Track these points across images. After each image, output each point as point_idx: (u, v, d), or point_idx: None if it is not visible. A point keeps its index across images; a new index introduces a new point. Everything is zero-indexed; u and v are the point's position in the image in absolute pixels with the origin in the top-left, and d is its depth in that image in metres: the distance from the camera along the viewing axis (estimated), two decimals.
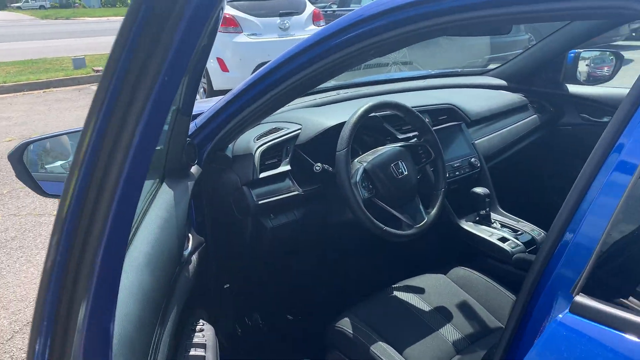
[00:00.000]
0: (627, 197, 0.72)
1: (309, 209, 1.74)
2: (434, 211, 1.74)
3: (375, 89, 2.33)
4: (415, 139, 1.84)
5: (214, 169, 1.66)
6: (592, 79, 2.53)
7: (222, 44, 6.99)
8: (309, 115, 1.84)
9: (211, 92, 7.16)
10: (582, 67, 2.55)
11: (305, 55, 1.36)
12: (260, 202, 1.61)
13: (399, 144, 1.76)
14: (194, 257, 1.37)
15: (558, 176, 2.58)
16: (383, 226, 1.58)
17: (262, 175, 1.63)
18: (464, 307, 1.68)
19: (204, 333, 1.25)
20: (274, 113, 1.57)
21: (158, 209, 1.18)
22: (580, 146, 2.51)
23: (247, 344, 2.02)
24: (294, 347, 2.05)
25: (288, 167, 1.69)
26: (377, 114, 1.79)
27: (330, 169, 1.67)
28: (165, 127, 1.34)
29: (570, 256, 0.79)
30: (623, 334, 0.68)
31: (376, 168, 1.64)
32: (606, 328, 0.70)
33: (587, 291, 0.74)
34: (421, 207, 1.74)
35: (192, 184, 1.39)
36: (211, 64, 7.04)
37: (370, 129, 1.87)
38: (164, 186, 1.30)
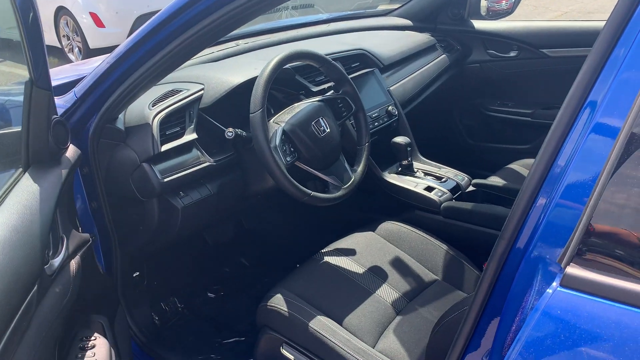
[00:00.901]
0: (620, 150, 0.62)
1: (224, 180, 1.55)
2: (360, 168, 1.61)
3: (278, 37, 2.12)
4: (332, 91, 1.68)
5: (105, 146, 1.40)
6: (491, 14, 2.50)
7: None
8: (211, 73, 1.61)
9: (88, 52, 6.47)
10: (483, 2, 2.51)
11: (202, 3, 1.13)
12: (165, 180, 1.39)
13: (317, 99, 1.59)
14: (75, 262, 1.16)
15: (469, 115, 2.57)
16: (310, 192, 1.43)
17: (164, 147, 1.40)
18: (397, 263, 1.60)
19: (95, 350, 1.06)
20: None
21: (8, 211, 0.94)
22: (490, 82, 2.51)
23: (169, 332, 1.84)
24: (222, 326, 1.89)
25: (194, 135, 1.47)
26: (288, 65, 1.60)
27: (244, 133, 1.48)
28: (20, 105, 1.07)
29: (554, 222, 0.68)
30: (628, 306, 0.60)
31: (296, 128, 1.46)
32: (606, 301, 0.61)
33: (578, 261, 0.65)
34: (346, 165, 1.61)
35: (67, 172, 1.14)
36: (84, 20, 6.34)
37: (280, 83, 1.68)
38: (26, 178, 1.05)
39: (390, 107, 1.94)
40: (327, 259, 1.58)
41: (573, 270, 0.64)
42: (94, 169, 1.39)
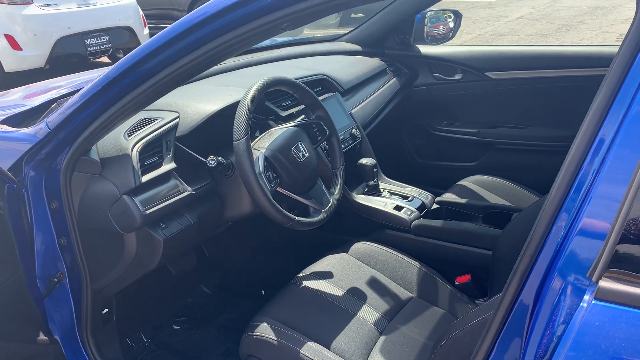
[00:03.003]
0: None
1: (203, 209, 1.51)
2: (337, 190, 1.64)
3: (234, 62, 2.11)
4: (303, 115, 1.70)
5: (77, 179, 1.33)
6: (430, 39, 2.62)
7: (10, 18, 5.94)
8: (183, 101, 1.58)
9: (3, 76, 6.08)
10: (429, 29, 2.63)
11: (185, 40, 1.13)
12: (147, 212, 1.34)
13: (292, 124, 1.60)
14: None
15: (417, 135, 2.67)
16: (294, 217, 1.44)
17: (145, 178, 1.35)
18: (374, 284, 1.64)
19: None
20: None
21: None
22: (437, 104, 2.63)
23: None
24: (190, 359, 1.83)
25: (173, 165, 1.43)
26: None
27: (224, 160, 1.46)
28: None
29: (581, 237, 0.74)
30: None
31: (277, 153, 1.47)
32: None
33: (610, 274, 0.70)
34: (324, 188, 1.63)
35: None
36: None
37: None
38: None
39: (353, 130, 1.99)
40: (305, 283, 1.59)
41: (606, 283, 0.70)
42: (65, 203, 1.32)
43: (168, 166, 1.42)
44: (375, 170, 1.91)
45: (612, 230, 0.70)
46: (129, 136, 1.39)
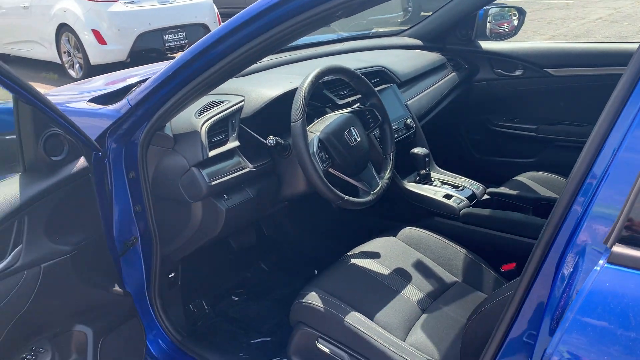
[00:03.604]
0: None
1: (261, 185, 1.65)
2: (386, 175, 1.72)
3: (299, 54, 2.24)
4: (359, 103, 1.80)
5: (152, 152, 1.50)
6: (494, 35, 2.65)
7: (97, 15, 6.41)
8: (248, 87, 1.72)
9: (89, 68, 6.56)
10: (488, 25, 2.66)
11: (250, 27, 1.25)
12: (213, 183, 1.48)
13: (346, 110, 1.71)
14: (32, 272, 1.20)
15: (476, 129, 2.70)
16: (344, 196, 1.54)
17: (212, 153, 1.50)
18: (420, 266, 1.70)
19: None
20: None
21: None
22: (496, 99, 2.65)
23: (199, 332, 1.91)
24: (248, 327, 1.97)
25: (237, 143, 1.57)
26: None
27: (282, 141, 1.58)
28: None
29: (599, 205, 0.79)
30: None
31: (331, 136, 1.58)
32: None
33: (623, 240, 0.76)
34: (374, 172, 1.72)
35: (53, 184, 1.21)
36: (86, 37, 6.45)
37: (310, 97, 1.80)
38: (6, 183, 1.13)
39: (408, 120, 2.06)
40: (353, 260, 1.68)
41: (619, 249, 0.75)
42: (141, 173, 1.48)
43: (232, 144, 1.56)
44: (427, 159, 1.98)
45: (628, 200, 0.75)
46: (199, 115, 1.54)
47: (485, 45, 2.60)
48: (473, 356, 1.16)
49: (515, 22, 2.69)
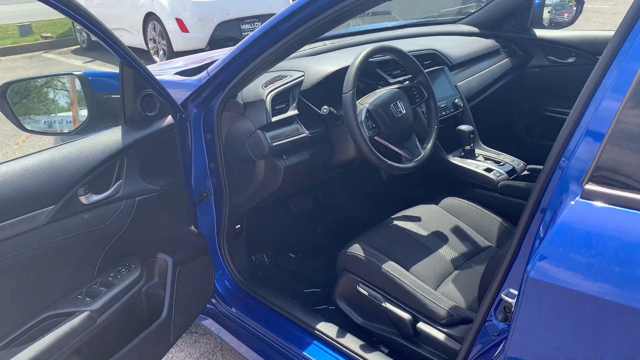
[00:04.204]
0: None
1: (316, 149, 1.88)
2: (429, 146, 1.91)
3: (358, 39, 2.45)
4: (408, 81, 1.99)
5: (225, 117, 1.77)
6: (553, 25, 2.74)
7: (181, 4, 6.88)
8: (309, 63, 1.96)
9: (171, 54, 7.06)
10: (545, 14, 2.76)
11: (307, 9, 1.47)
12: (274, 144, 1.74)
13: (395, 86, 1.91)
14: (128, 204, 1.45)
15: (527, 114, 2.81)
16: (387, 160, 1.74)
17: (274, 119, 1.75)
18: (457, 231, 1.88)
19: (124, 274, 1.40)
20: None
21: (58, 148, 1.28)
22: (549, 86, 2.74)
23: (256, 280, 2.18)
24: (302, 279, 2.22)
25: (296, 112, 1.82)
26: (372, 59, 1.93)
27: (335, 111, 1.81)
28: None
29: (578, 152, 0.97)
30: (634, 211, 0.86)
31: (378, 108, 1.79)
32: (617, 208, 0.88)
33: (595, 180, 0.93)
34: (417, 143, 1.91)
35: (145, 134, 1.48)
36: (170, 25, 6.94)
37: (364, 75, 2.01)
38: (109, 131, 1.42)
39: (456, 100, 2.23)
40: (395, 222, 1.88)
41: (590, 186, 0.92)
42: (216, 135, 1.75)
43: (292, 112, 1.81)
44: (472, 136, 2.14)
45: (601, 145, 0.92)
46: (265, 87, 1.80)
47: (540, 33, 2.70)
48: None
49: (574, 11, 2.77)
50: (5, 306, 1.18)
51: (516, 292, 1.09)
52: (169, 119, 1.56)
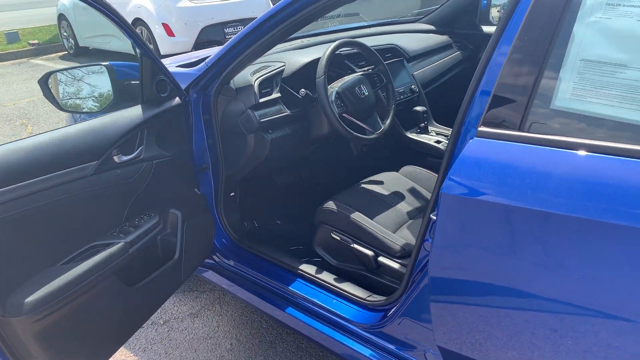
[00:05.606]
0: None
1: (296, 125, 2.29)
2: (387, 122, 2.34)
3: (330, 37, 2.87)
4: (370, 69, 2.42)
5: (220, 100, 2.17)
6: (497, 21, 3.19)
7: (167, 10, 7.22)
8: (289, 56, 2.37)
9: (159, 57, 7.38)
10: (495, 12, 3.20)
11: (286, 11, 1.86)
12: (262, 120, 2.14)
13: (359, 73, 2.33)
14: (148, 165, 1.78)
15: None
16: (353, 132, 2.16)
17: (261, 100, 2.15)
18: (413, 191, 2.30)
19: (146, 220, 1.79)
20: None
21: (102, 118, 1.68)
22: None
23: (248, 238, 2.58)
24: (287, 239, 2.63)
25: (279, 94, 2.23)
26: (341, 51, 2.35)
27: (310, 94, 2.22)
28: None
29: (474, 106, 1.39)
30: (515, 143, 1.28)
31: (345, 90, 2.21)
32: (499, 141, 1.31)
33: (487, 124, 1.35)
34: (378, 119, 2.34)
35: (160, 110, 1.86)
36: (157, 30, 7.27)
37: (334, 65, 2.43)
38: (134, 108, 1.81)
39: (413, 86, 2.67)
40: (363, 185, 2.30)
41: (483, 128, 1.34)
42: (213, 115, 2.15)
43: (276, 95, 2.22)
44: (425, 115, 2.57)
45: (490, 95, 1.34)
46: (253, 74, 2.21)
47: (487, 29, 3.15)
48: None
49: None
50: (64, 234, 1.56)
51: None
52: (177, 100, 1.96)
